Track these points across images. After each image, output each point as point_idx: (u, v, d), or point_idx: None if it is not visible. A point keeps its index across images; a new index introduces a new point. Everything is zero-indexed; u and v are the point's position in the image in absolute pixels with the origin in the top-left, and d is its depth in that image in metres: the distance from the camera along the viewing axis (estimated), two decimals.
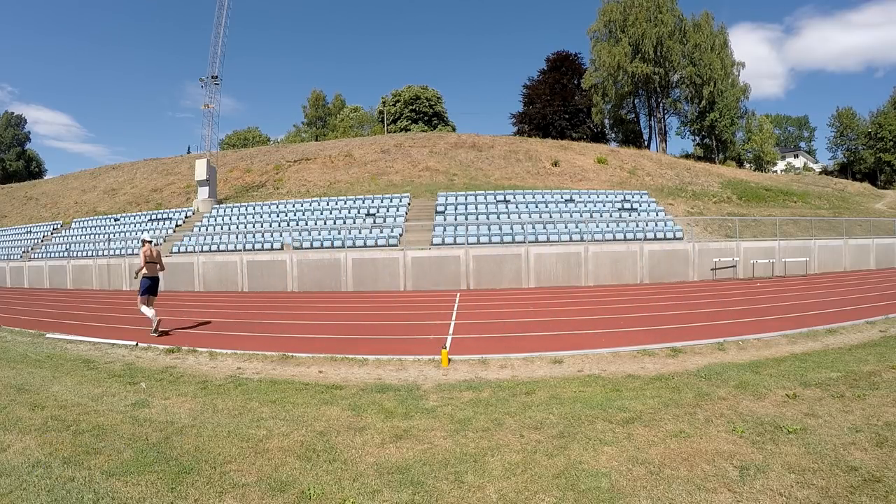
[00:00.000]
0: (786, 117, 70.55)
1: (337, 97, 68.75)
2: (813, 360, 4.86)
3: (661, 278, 15.87)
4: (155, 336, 7.32)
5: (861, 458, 2.58)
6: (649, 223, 18.58)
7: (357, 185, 26.64)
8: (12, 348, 6.61)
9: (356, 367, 5.19)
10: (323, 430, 3.25)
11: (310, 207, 22.29)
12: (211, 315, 10.25)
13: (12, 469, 2.66)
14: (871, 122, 51.61)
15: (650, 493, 2.31)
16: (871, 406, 3.40)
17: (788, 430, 2.99)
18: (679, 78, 43.84)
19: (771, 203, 25.41)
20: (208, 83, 27.27)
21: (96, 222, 25.86)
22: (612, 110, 47.39)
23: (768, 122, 54.13)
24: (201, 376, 4.92)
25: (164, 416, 3.59)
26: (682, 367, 4.86)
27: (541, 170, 28.42)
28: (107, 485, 2.48)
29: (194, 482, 2.50)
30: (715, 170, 32.01)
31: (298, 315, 10.11)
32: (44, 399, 4.06)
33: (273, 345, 6.54)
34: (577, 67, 47.40)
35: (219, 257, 17.61)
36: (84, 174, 39.35)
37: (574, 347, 5.86)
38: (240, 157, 36.60)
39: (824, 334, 6.31)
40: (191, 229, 22.09)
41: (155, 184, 32.06)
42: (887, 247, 19.06)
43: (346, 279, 15.99)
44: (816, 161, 64.47)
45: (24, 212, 33.20)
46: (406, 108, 54.74)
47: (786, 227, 20.42)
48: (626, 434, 3.05)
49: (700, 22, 43.12)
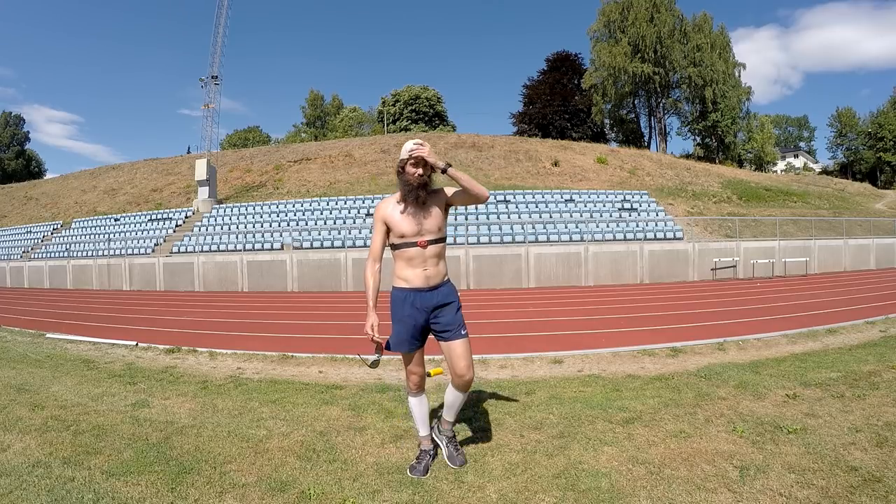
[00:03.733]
0: (786, 117, 70.59)
1: (334, 98, 68.85)
2: (813, 360, 4.86)
3: (661, 278, 15.86)
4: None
5: (861, 458, 2.58)
6: (649, 223, 18.58)
7: (357, 185, 26.65)
8: (12, 348, 6.61)
9: (356, 367, 5.20)
10: (323, 430, 3.25)
11: (310, 207, 22.29)
12: (211, 315, 10.25)
13: (12, 469, 2.66)
14: (871, 121, 51.60)
15: (650, 493, 2.31)
16: (871, 406, 3.40)
17: (788, 430, 2.99)
18: (680, 78, 43.81)
19: (771, 203, 25.41)
20: (208, 83, 27.28)
21: (96, 222, 25.86)
22: (612, 110, 47.37)
23: (769, 122, 54.16)
24: (201, 376, 4.92)
25: (164, 416, 3.60)
26: (682, 367, 4.86)
27: (541, 170, 28.42)
28: (107, 485, 2.48)
29: (194, 482, 2.50)
30: (715, 170, 32.00)
31: (298, 315, 10.11)
32: (44, 399, 4.06)
33: (273, 345, 6.54)
34: (577, 67, 47.39)
35: (219, 257, 17.61)
36: (84, 174, 39.35)
37: (574, 347, 5.86)
38: (240, 156, 36.61)
39: (824, 334, 6.31)
40: (191, 229, 22.09)
41: (155, 184, 32.06)
42: (887, 247, 19.06)
43: (346, 279, 15.99)
44: (816, 161, 64.47)
45: (24, 212, 33.20)
46: (406, 108, 54.69)
47: (786, 227, 20.42)
48: (626, 434, 3.05)
49: (700, 22, 43.08)
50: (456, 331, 2.57)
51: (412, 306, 2.55)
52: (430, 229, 2.54)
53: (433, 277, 2.57)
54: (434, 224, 2.55)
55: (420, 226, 2.52)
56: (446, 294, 2.62)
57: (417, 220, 2.53)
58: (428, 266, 2.56)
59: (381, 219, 2.57)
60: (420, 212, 2.53)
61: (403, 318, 2.57)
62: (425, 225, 2.53)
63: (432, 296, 2.57)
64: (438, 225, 2.57)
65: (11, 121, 66.58)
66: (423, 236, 2.53)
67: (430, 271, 2.56)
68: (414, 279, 2.56)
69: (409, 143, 2.48)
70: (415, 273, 2.55)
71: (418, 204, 2.52)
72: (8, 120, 66.15)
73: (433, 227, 2.55)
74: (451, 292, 2.65)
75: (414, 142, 2.48)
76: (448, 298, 2.62)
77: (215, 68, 27.21)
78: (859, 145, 53.81)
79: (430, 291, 2.57)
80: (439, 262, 2.61)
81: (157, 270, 18.27)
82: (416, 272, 2.55)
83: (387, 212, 2.56)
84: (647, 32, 42.02)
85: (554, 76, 46.86)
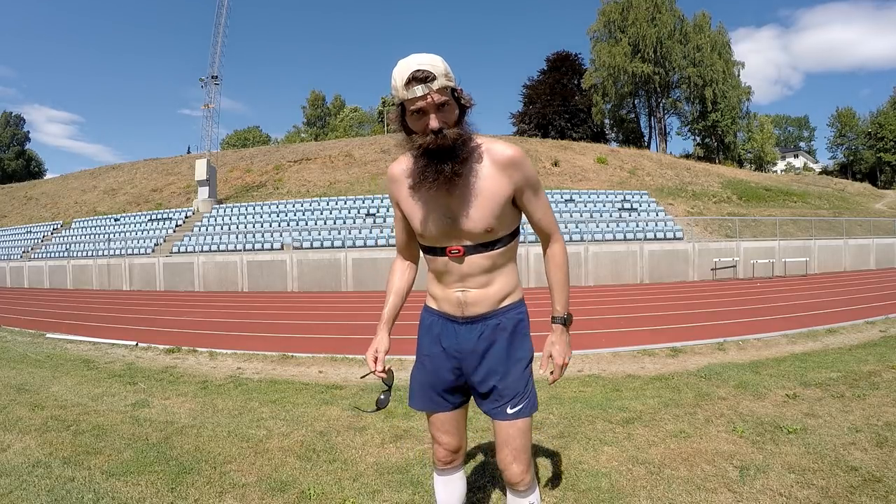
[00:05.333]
0: (786, 117, 70.58)
1: (336, 98, 68.85)
2: (813, 360, 4.86)
3: (661, 278, 15.87)
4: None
5: (861, 458, 2.58)
6: (649, 223, 18.59)
7: (357, 185, 26.65)
8: (12, 348, 6.61)
9: (356, 367, 5.20)
10: (323, 430, 3.25)
11: (310, 207, 22.29)
12: (211, 315, 10.25)
13: (12, 469, 2.66)
14: (871, 121, 51.59)
15: (650, 493, 2.31)
16: (871, 406, 3.39)
17: (788, 430, 2.99)
18: (680, 78, 43.82)
19: (771, 203, 25.41)
20: (208, 83, 27.30)
21: (96, 222, 25.86)
22: (612, 110, 47.38)
23: (769, 122, 54.15)
24: (201, 376, 4.92)
25: (164, 416, 3.60)
26: (682, 367, 4.86)
27: (541, 170, 28.42)
28: (107, 485, 2.48)
29: (194, 482, 2.50)
30: (715, 170, 32.00)
31: (298, 315, 10.11)
32: (44, 399, 4.06)
33: (273, 345, 6.54)
34: (577, 67, 47.35)
35: (219, 257, 17.61)
36: (84, 174, 39.34)
37: (574, 347, 5.78)
38: (240, 156, 36.60)
39: (824, 334, 6.31)
40: (191, 229, 22.09)
41: (155, 184, 32.05)
42: (887, 247, 19.06)
43: (346, 279, 15.99)
44: (816, 161, 64.46)
45: (24, 212, 33.20)
46: None
47: (786, 227, 20.42)
48: (626, 434, 3.05)
49: (700, 23, 43.09)
50: (504, 403, 1.50)
51: (438, 342, 1.57)
52: (470, 227, 1.40)
53: (474, 304, 1.49)
54: (481, 216, 1.39)
55: (450, 220, 1.41)
56: (495, 333, 1.50)
57: (443, 209, 1.41)
58: (467, 285, 1.48)
59: (393, 197, 1.55)
60: (448, 196, 1.39)
61: (424, 357, 1.63)
62: (461, 219, 1.40)
63: (468, 333, 1.51)
64: (489, 217, 1.39)
65: (11, 121, 66.59)
66: (456, 239, 1.43)
67: (470, 294, 1.49)
68: (443, 300, 1.54)
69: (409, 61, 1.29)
70: (444, 293, 1.53)
71: (443, 184, 1.35)
72: (8, 120, 66.15)
73: (478, 221, 1.39)
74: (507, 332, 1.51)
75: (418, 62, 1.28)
76: (498, 343, 1.50)
77: (215, 68, 27.25)
78: (859, 145, 53.81)
79: (464, 324, 1.51)
80: (492, 281, 1.48)
81: (157, 270, 18.27)
82: (445, 292, 1.52)
83: (395, 187, 1.52)
84: (647, 33, 42.01)
85: (554, 76, 46.82)
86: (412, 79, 1.27)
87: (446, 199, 1.39)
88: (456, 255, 1.44)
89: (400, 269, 1.70)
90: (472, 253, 1.44)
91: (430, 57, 1.30)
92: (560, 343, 1.57)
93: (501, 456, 1.53)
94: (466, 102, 1.37)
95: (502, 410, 1.49)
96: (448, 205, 1.40)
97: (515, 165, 1.40)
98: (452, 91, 1.33)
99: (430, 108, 1.29)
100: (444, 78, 1.29)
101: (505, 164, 1.39)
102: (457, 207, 1.39)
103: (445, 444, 1.63)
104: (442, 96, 1.29)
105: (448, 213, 1.41)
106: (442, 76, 1.28)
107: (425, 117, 1.30)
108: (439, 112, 1.30)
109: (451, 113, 1.32)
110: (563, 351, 1.57)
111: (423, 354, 1.63)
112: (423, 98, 1.28)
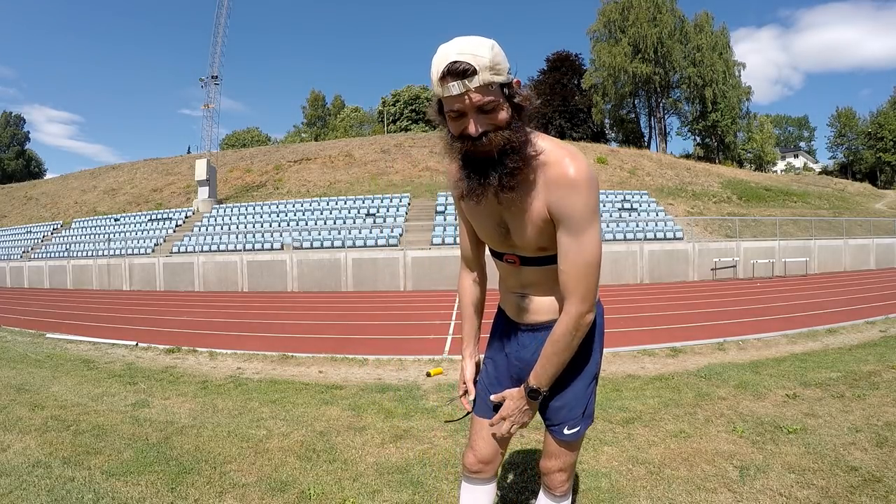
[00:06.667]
0: (786, 117, 70.59)
1: (336, 97, 68.88)
2: (813, 360, 4.86)
3: (661, 278, 15.87)
4: None
5: (861, 458, 2.58)
6: (649, 223, 18.59)
7: (357, 185, 26.65)
8: (12, 348, 6.60)
9: (356, 367, 5.20)
10: (323, 430, 3.25)
11: (310, 207, 22.29)
12: (211, 315, 10.25)
13: (12, 469, 2.66)
14: (871, 121, 51.59)
15: (650, 493, 2.31)
16: (871, 406, 3.40)
17: (788, 430, 2.99)
18: (680, 78, 43.82)
19: (771, 203, 25.41)
20: (208, 83, 27.31)
21: (96, 222, 25.86)
22: (612, 110, 47.38)
23: (769, 122, 54.16)
24: (201, 376, 4.92)
25: (164, 416, 3.59)
26: (682, 367, 4.86)
27: None
28: (107, 485, 2.48)
29: (194, 482, 2.50)
30: (715, 170, 32.00)
31: (298, 315, 10.11)
32: (44, 399, 4.06)
33: (273, 345, 6.54)
34: (577, 67, 47.35)
35: (219, 257, 17.60)
36: (84, 174, 39.36)
37: None
38: (240, 157, 36.61)
39: (824, 334, 6.31)
40: (191, 229, 22.09)
41: (155, 184, 32.06)
42: (887, 247, 19.06)
43: (346, 279, 15.99)
44: (816, 161, 64.48)
45: (24, 212, 33.21)
46: (406, 108, 54.74)
47: (786, 227, 20.42)
48: (626, 434, 3.05)
49: (700, 23, 43.09)
50: (562, 423, 1.43)
51: (502, 348, 1.50)
52: (522, 244, 1.30)
53: (534, 312, 1.40)
54: (532, 235, 1.26)
55: (504, 231, 1.32)
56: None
57: (496, 218, 1.30)
58: (526, 291, 1.40)
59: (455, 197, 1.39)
60: (500, 206, 1.25)
61: (489, 360, 1.56)
62: (513, 233, 1.30)
63: (530, 342, 1.41)
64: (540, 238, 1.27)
65: (11, 121, 66.61)
66: (511, 248, 1.35)
67: (529, 301, 1.40)
68: (506, 301, 1.49)
69: (448, 49, 1.07)
70: (506, 295, 1.48)
71: (492, 196, 1.20)
72: (8, 120, 66.17)
73: (530, 240, 1.28)
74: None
75: (458, 50, 1.06)
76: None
77: (215, 68, 27.25)
78: (859, 145, 53.79)
79: (526, 332, 1.43)
80: (553, 290, 1.34)
81: (157, 270, 18.27)
82: (507, 295, 1.47)
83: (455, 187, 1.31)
84: (647, 33, 42.00)
85: (554, 76, 46.80)
86: (448, 72, 1.05)
87: (498, 209, 1.26)
88: (512, 263, 1.37)
89: (466, 286, 1.58)
90: (528, 265, 1.34)
91: (476, 43, 1.06)
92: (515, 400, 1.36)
93: (549, 464, 1.49)
94: (523, 100, 1.13)
95: (559, 430, 1.43)
96: (500, 214, 1.28)
97: (562, 187, 1.16)
98: (503, 87, 1.09)
99: (468, 110, 1.08)
100: (489, 72, 1.05)
101: (550, 182, 1.17)
102: (509, 220, 1.27)
103: (477, 450, 1.53)
104: (484, 96, 1.06)
105: (501, 223, 1.29)
106: (486, 69, 1.04)
107: (463, 120, 1.10)
108: (481, 114, 1.08)
109: (498, 114, 1.09)
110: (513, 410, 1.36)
111: (488, 357, 1.56)
112: (460, 99, 1.06)
